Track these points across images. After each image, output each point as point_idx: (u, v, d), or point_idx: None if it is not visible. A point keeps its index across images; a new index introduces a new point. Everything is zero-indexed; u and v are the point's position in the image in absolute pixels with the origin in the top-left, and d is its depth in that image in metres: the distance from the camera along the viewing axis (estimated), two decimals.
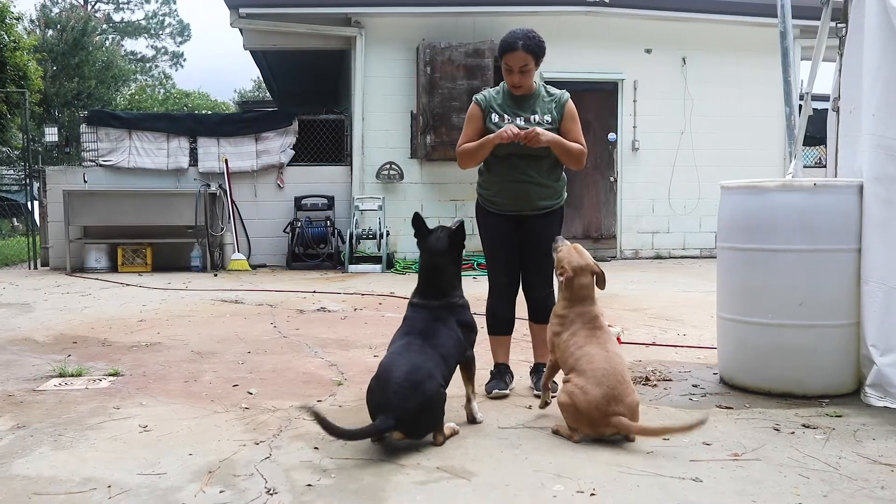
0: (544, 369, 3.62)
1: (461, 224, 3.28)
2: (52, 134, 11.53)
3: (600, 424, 2.91)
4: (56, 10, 26.86)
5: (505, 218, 3.74)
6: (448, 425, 3.01)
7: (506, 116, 3.68)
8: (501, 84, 3.77)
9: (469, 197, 9.94)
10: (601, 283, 3.24)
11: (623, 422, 2.89)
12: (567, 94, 3.74)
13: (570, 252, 3.28)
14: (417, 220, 3.31)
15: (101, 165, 10.06)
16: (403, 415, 2.79)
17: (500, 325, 3.83)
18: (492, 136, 3.58)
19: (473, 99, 3.78)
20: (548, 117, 3.67)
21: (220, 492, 2.49)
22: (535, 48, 3.59)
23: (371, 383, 2.97)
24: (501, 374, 3.77)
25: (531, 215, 3.72)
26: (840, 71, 3.96)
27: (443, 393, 2.95)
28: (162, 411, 3.43)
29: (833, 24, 4.09)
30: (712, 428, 3.13)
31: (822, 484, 2.54)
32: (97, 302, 6.90)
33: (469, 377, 3.24)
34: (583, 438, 2.96)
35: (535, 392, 3.68)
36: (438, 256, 3.23)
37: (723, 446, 2.92)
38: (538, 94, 3.72)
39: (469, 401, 3.25)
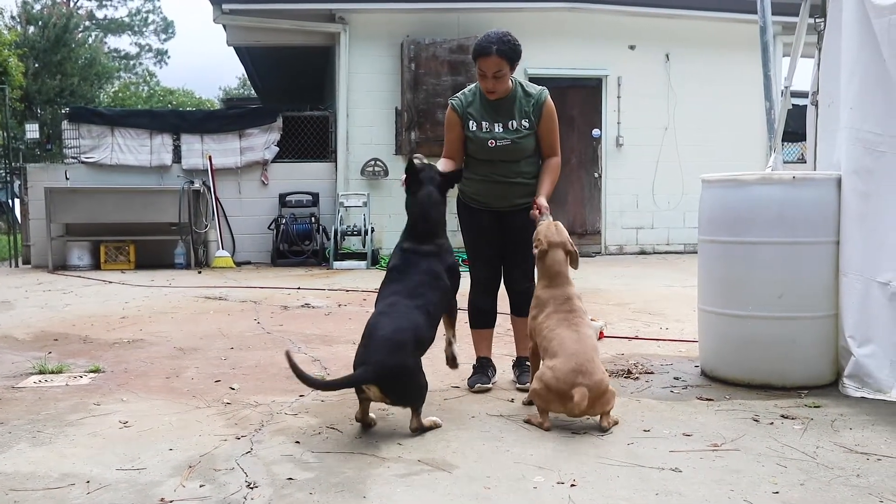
0: (527, 363, 3.64)
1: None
2: (33, 131, 11.42)
3: (568, 399, 2.92)
4: (38, 7, 26.58)
5: (486, 213, 3.73)
6: (430, 419, 3.02)
7: (483, 124, 3.62)
8: (476, 85, 3.68)
9: (452, 193, 9.92)
10: (574, 262, 3.33)
11: (581, 392, 2.89)
12: (546, 93, 3.67)
13: (548, 227, 3.37)
14: (411, 166, 3.39)
15: (83, 162, 9.97)
16: (383, 369, 2.84)
17: (483, 318, 3.83)
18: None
19: (449, 103, 3.70)
20: (525, 122, 3.61)
21: (200, 486, 2.49)
22: (509, 52, 3.48)
23: (358, 345, 3.03)
24: (484, 368, 3.77)
25: (511, 210, 3.72)
26: (818, 65, 4.00)
27: (420, 363, 3.00)
28: (143, 407, 3.41)
29: (812, 19, 4.13)
30: (693, 419, 3.16)
31: (799, 473, 2.57)
32: (79, 299, 6.85)
33: (451, 322, 3.36)
34: (553, 425, 2.99)
35: (518, 385, 3.69)
36: (434, 192, 3.33)
37: (702, 437, 2.94)
38: (515, 95, 3.62)
39: (450, 343, 3.37)
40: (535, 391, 3.06)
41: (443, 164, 3.63)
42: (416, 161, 3.44)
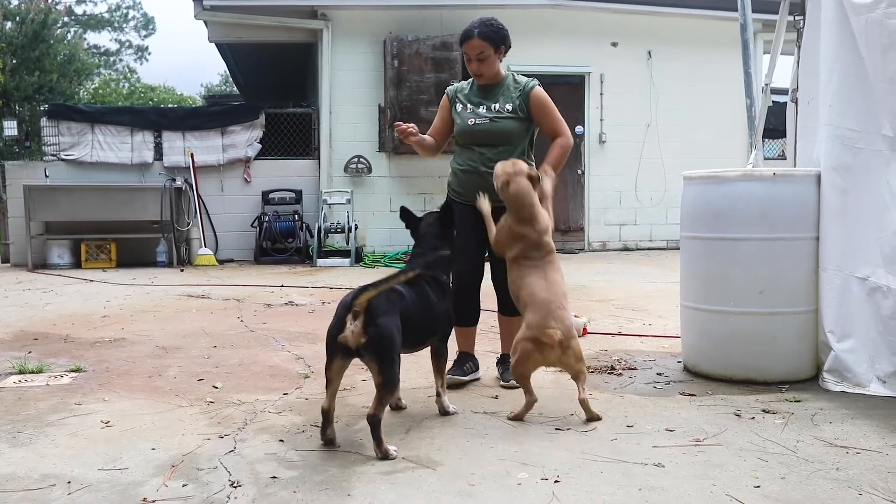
0: (510, 361, 3.64)
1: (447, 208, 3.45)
2: (11, 128, 11.27)
3: (545, 345, 3.04)
4: (15, 2, 26.22)
5: (471, 208, 3.73)
6: (387, 447, 2.73)
7: (469, 105, 3.77)
8: None
9: (437, 190, 9.94)
10: (536, 183, 3.36)
11: (552, 332, 3.00)
12: (533, 82, 3.76)
13: (503, 164, 3.41)
14: (404, 213, 3.45)
15: (62, 160, 9.86)
16: (374, 300, 2.79)
17: (465, 315, 3.81)
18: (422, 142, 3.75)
19: (445, 91, 3.93)
20: (509, 105, 3.71)
21: (183, 485, 2.47)
22: (491, 35, 3.65)
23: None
24: (461, 361, 3.77)
25: (498, 207, 3.72)
26: (798, 63, 4.04)
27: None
28: (125, 407, 3.38)
29: (791, 17, 4.17)
30: (675, 415, 3.19)
31: (780, 467, 2.59)
32: (59, 298, 6.78)
33: (440, 368, 3.24)
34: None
35: (502, 383, 3.70)
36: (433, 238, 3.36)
37: (685, 432, 2.96)
38: (505, 82, 3.77)
39: (439, 395, 3.23)
40: (515, 347, 3.15)
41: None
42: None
